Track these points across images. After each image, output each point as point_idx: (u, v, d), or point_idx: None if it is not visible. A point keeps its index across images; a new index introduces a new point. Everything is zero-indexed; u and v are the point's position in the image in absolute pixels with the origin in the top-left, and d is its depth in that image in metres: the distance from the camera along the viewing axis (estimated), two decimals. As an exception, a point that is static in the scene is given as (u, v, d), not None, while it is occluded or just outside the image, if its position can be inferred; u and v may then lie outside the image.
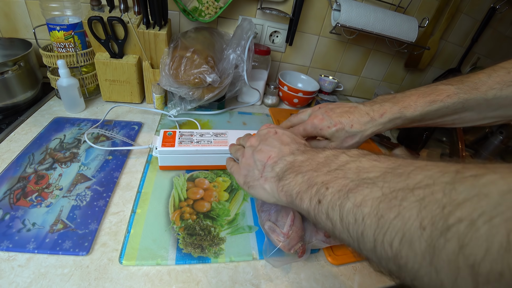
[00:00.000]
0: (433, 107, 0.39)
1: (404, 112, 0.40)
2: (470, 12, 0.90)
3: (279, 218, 0.39)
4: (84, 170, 0.48)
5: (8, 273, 0.33)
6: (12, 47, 0.68)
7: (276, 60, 0.89)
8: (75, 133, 0.56)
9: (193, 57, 0.59)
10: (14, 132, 0.54)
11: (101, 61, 0.61)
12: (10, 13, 0.67)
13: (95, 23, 0.58)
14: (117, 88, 0.66)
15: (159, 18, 0.61)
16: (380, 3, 0.81)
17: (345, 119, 0.42)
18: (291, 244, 0.37)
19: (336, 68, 0.95)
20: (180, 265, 0.37)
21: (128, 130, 0.60)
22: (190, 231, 0.41)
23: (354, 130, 0.41)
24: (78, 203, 0.42)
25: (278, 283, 0.38)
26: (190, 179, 0.50)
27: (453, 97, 0.39)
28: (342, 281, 0.40)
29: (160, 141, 0.49)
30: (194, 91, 0.61)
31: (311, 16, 0.81)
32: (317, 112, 0.44)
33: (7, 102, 0.59)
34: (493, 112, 0.39)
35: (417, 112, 0.40)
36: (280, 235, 0.38)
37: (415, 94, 0.41)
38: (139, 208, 0.43)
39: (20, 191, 0.42)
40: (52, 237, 0.37)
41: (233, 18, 0.79)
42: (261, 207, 0.42)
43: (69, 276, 0.34)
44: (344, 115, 0.42)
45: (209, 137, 0.52)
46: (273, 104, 0.82)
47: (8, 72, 0.56)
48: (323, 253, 0.43)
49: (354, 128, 0.41)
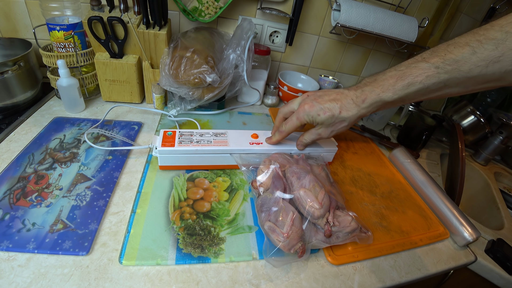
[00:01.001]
0: (412, 89, 0.39)
1: (383, 96, 0.41)
2: (470, 12, 0.90)
3: (278, 218, 0.39)
4: (84, 170, 0.48)
5: (8, 273, 0.33)
6: (12, 47, 0.68)
7: (276, 60, 0.89)
8: (75, 133, 0.56)
9: (193, 57, 0.59)
10: (14, 132, 0.54)
11: (101, 61, 0.61)
12: (10, 13, 0.67)
13: (95, 23, 0.58)
14: (117, 88, 0.66)
15: (159, 18, 0.61)
16: (380, 3, 0.81)
17: (333, 105, 0.44)
18: (291, 244, 0.37)
19: (336, 68, 0.95)
20: (180, 265, 0.37)
21: (128, 130, 0.60)
22: (190, 231, 0.41)
23: (342, 115, 0.44)
24: (78, 203, 0.42)
25: (278, 283, 0.38)
26: (190, 179, 0.50)
27: (433, 78, 0.38)
28: (342, 281, 0.40)
29: (160, 141, 0.49)
30: (194, 91, 0.61)
31: (311, 16, 0.81)
32: (307, 100, 0.47)
33: (7, 102, 0.59)
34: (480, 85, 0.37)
35: (396, 95, 0.40)
36: (280, 235, 0.38)
37: (394, 76, 0.40)
38: (139, 208, 0.43)
39: (20, 191, 0.42)
40: (52, 237, 0.37)
41: (233, 18, 0.79)
42: (261, 207, 0.42)
43: (69, 276, 0.34)
44: (332, 102, 0.44)
45: (209, 137, 0.52)
46: (273, 104, 0.82)
47: (8, 72, 0.56)
48: (323, 253, 0.43)
49: (342, 114, 0.44)
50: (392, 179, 0.63)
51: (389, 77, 0.41)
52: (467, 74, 0.35)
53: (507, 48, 0.32)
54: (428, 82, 0.38)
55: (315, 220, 0.40)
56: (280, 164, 0.46)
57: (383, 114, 0.80)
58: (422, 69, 0.38)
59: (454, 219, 0.52)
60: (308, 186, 0.42)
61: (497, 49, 0.33)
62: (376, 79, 0.43)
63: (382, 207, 0.54)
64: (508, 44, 0.32)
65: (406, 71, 0.40)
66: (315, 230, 0.40)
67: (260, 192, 0.44)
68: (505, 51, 0.32)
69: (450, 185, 0.65)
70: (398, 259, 0.45)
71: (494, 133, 0.80)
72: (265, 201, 0.42)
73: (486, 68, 0.34)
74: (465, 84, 0.37)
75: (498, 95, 0.91)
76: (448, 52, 0.36)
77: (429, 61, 0.38)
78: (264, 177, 0.44)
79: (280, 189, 0.42)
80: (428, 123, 0.75)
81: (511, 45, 0.32)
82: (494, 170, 0.81)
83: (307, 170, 0.46)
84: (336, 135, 0.49)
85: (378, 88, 0.42)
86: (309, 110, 0.45)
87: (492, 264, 0.50)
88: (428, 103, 1.14)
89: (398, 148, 0.68)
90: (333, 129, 0.47)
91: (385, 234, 0.48)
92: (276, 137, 0.52)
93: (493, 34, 0.33)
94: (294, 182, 0.43)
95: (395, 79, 0.40)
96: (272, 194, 0.42)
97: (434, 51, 0.38)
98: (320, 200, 0.40)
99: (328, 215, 0.41)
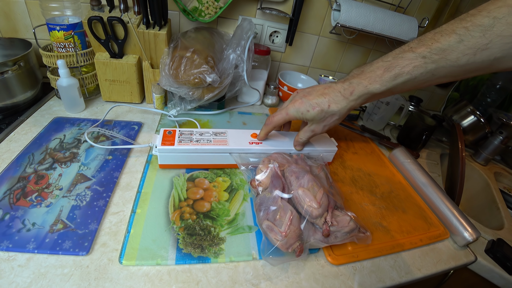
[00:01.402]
0: (400, 80, 0.39)
1: (370, 88, 0.41)
2: (470, 12, 0.90)
3: (277, 217, 0.39)
4: (84, 170, 0.48)
5: (8, 273, 0.33)
6: (12, 47, 0.68)
7: (276, 60, 0.89)
8: (75, 133, 0.56)
9: (193, 57, 0.59)
10: (14, 132, 0.54)
11: (101, 61, 0.61)
12: (10, 13, 0.67)
13: (95, 23, 0.58)
14: (117, 88, 0.66)
15: (159, 18, 0.61)
16: (380, 3, 0.81)
17: (321, 100, 0.44)
18: (289, 243, 0.37)
19: (336, 68, 0.95)
20: (180, 265, 0.37)
21: (128, 130, 0.60)
22: (190, 231, 0.41)
23: (332, 109, 0.44)
24: (78, 203, 0.42)
25: (278, 283, 0.38)
26: (190, 179, 0.50)
27: (420, 68, 0.37)
28: (342, 281, 0.40)
29: (160, 139, 0.49)
30: (194, 91, 0.61)
31: (311, 16, 0.81)
32: (297, 97, 0.47)
33: (7, 102, 0.59)
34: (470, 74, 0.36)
35: (384, 87, 0.40)
36: (278, 234, 0.37)
37: (381, 68, 0.40)
38: (139, 208, 0.43)
39: (20, 191, 0.42)
40: (52, 237, 0.37)
41: (233, 18, 0.79)
42: (259, 206, 0.42)
43: (69, 276, 0.34)
44: (320, 97, 0.44)
45: (209, 136, 0.52)
46: (273, 104, 0.82)
47: (8, 72, 0.56)
48: (323, 253, 0.43)
49: (331, 107, 0.44)
50: (392, 179, 0.63)
51: (376, 68, 0.41)
52: (454, 63, 0.35)
53: (495, 35, 0.31)
54: (415, 72, 0.37)
55: (313, 220, 0.40)
56: (279, 164, 0.46)
57: (383, 114, 0.80)
58: (409, 59, 0.38)
59: (454, 219, 0.52)
60: (307, 185, 0.42)
61: (484, 36, 0.31)
62: (364, 70, 0.42)
63: (382, 207, 0.54)
64: (496, 30, 0.31)
65: (393, 62, 0.39)
66: (313, 230, 0.40)
67: (259, 191, 0.44)
68: (493, 38, 0.31)
69: (450, 185, 0.65)
70: (398, 259, 0.45)
71: (494, 133, 0.80)
72: (264, 200, 0.42)
73: (474, 56, 0.33)
74: (453, 73, 0.36)
75: (498, 95, 0.91)
76: (435, 41, 0.35)
77: (416, 50, 0.37)
78: (263, 176, 0.44)
79: (278, 188, 0.42)
80: (428, 123, 0.75)
81: (499, 32, 0.31)
82: (494, 170, 0.81)
83: (306, 169, 0.46)
84: (330, 129, 0.49)
85: (366, 80, 0.41)
86: (299, 107, 0.45)
87: (492, 264, 0.50)
88: (428, 103, 1.14)
89: (398, 148, 0.68)
90: (325, 124, 0.47)
91: (385, 234, 0.48)
92: (263, 130, 0.51)
93: (480, 20, 0.32)
94: (293, 182, 0.43)
95: (382, 71, 0.40)
96: (271, 193, 0.42)
97: (421, 40, 0.37)
98: (318, 200, 0.40)
99: (327, 215, 0.41)
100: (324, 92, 0.45)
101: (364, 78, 0.42)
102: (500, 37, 0.31)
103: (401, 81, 0.39)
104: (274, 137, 0.55)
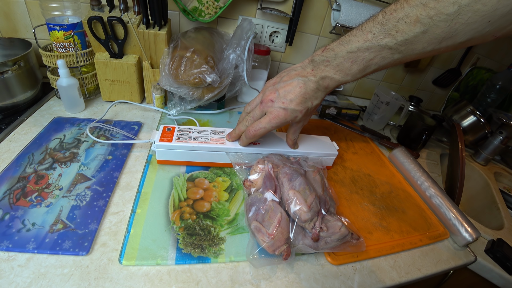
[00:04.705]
0: (368, 70, 0.41)
1: (343, 81, 0.43)
2: (470, 12, 0.90)
3: (266, 219, 0.39)
4: (84, 170, 0.48)
5: (8, 273, 0.33)
6: (12, 47, 0.68)
7: (276, 60, 0.89)
8: (75, 133, 0.56)
9: (193, 57, 0.59)
10: (14, 132, 0.54)
11: (101, 61, 0.61)
12: (10, 13, 0.67)
13: (95, 23, 0.58)
14: (117, 88, 0.65)
15: (159, 18, 0.61)
16: (380, 3, 0.81)
17: (304, 101, 0.45)
18: (276, 245, 0.37)
19: (336, 68, 0.94)
20: (180, 265, 0.37)
21: (128, 130, 0.60)
22: (190, 231, 0.41)
23: (314, 104, 0.46)
24: (78, 203, 0.42)
25: (278, 283, 0.38)
26: (190, 179, 0.50)
27: (387, 59, 0.38)
28: (342, 281, 0.40)
29: (158, 135, 0.49)
30: (194, 91, 0.61)
31: (311, 16, 0.81)
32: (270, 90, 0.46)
33: (6, 102, 0.59)
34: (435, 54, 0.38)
35: (354, 79, 0.43)
36: (265, 235, 0.37)
37: (349, 60, 0.41)
38: (139, 208, 0.43)
39: (20, 191, 0.42)
40: (52, 237, 0.37)
41: (233, 18, 0.79)
42: (250, 206, 0.41)
43: (69, 276, 0.34)
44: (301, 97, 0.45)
45: (207, 135, 0.52)
46: (273, 104, 0.82)
47: (8, 72, 0.56)
48: (322, 253, 0.43)
49: (314, 103, 0.46)
50: (392, 179, 0.63)
51: (343, 59, 0.41)
52: (421, 51, 0.36)
53: (459, 24, 0.30)
54: (383, 62, 0.39)
55: (303, 223, 0.40)
56: (273, 165, 0.46)
57: (383, 114, 0.80)
58: (375, 51, 0.38)
59: (454, 219, 0.52)
60: (298, 188, 0.42)
61: (449, 26, 0.31)
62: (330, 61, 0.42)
63: (382, 207, 0.54)
64: (461, 19, 0.30)
65: (360, 55, 0.40)
66: (303, 234, 0.40)
67: (251, 192, 0.43)
68: (458, 27, 0.31)
69: (450, 185, 0.65)
70: (398, 259, 0.45)
71: (494, 133, 0.80)
72: (254, 200, 0.42)
73: (439, 44, 0.34)
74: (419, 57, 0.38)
75: (498, 95, 0.91)
76: (399, 31, 0.35)
77: (381, 42, 0.37)
78: (255, 176, 0.44)
79: (271, 190, 0.42)
80: (428, 123, 0.75)
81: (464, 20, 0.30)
82: (494, 170, 0.81)
83: (299, 172, 0.45)
84: None
85: (337, 74, 0.43)
86: (285, 117, 0.44)
87: (492, 264, 0.50)
88: (428, 103, 1.14)
89: (398, 148, 0.68)
90: (311, 114, 0.49)
91: (385, 234, 0.48)
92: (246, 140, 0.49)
93: (446, 8, 0.30)
94: (285, 183, 0.43)
95: (350, 63, 0.41)
96: (262, 194, 0.42)
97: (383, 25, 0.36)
98: (309, 203, 0.40)
99: (316, 220, 0.40)
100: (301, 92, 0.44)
101: (335, 71, 0.43)
102: (465, 25, 0.30)
103: (371, 70, 0.41)
104: (271, 137, 0.55)
